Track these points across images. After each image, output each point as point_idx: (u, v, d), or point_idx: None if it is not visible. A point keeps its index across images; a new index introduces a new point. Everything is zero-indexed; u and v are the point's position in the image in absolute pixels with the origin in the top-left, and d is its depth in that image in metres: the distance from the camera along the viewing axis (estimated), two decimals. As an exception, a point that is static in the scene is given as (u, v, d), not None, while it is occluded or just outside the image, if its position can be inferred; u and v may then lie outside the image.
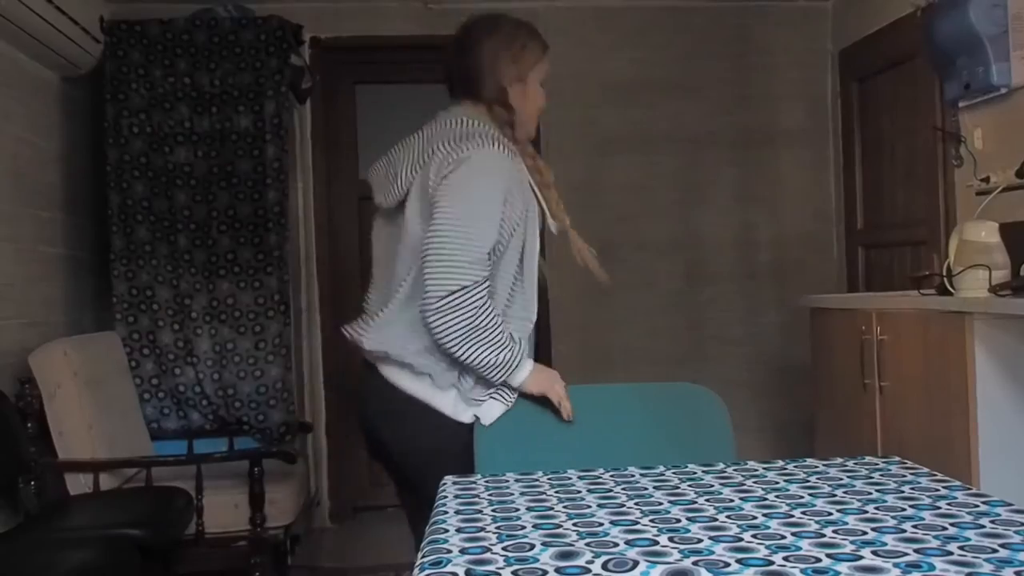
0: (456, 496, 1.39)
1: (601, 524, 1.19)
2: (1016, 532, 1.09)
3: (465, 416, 1.94)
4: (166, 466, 3.25)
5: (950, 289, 2.75)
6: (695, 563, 1.01)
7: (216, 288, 3.79)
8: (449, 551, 1.09)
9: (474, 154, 1.89)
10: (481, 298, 1.85)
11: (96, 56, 3.73)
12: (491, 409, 1.95)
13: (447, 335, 1.85)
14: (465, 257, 1.83)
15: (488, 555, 1.07)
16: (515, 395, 1.96)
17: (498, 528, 1.19)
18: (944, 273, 2.80)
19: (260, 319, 3.78)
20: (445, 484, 1.49)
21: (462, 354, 1.86)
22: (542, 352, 4.66)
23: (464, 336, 1.84)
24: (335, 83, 4.73)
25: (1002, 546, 1.04)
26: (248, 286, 3.79)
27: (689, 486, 1.40)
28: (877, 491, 1.32)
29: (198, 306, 3.77)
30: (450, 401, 1.95)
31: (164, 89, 3.79)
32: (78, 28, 3.50)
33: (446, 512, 1.29)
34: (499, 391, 1.95)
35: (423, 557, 1.09)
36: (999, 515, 1.17)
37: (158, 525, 2.82)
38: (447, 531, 1.18)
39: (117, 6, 3.93)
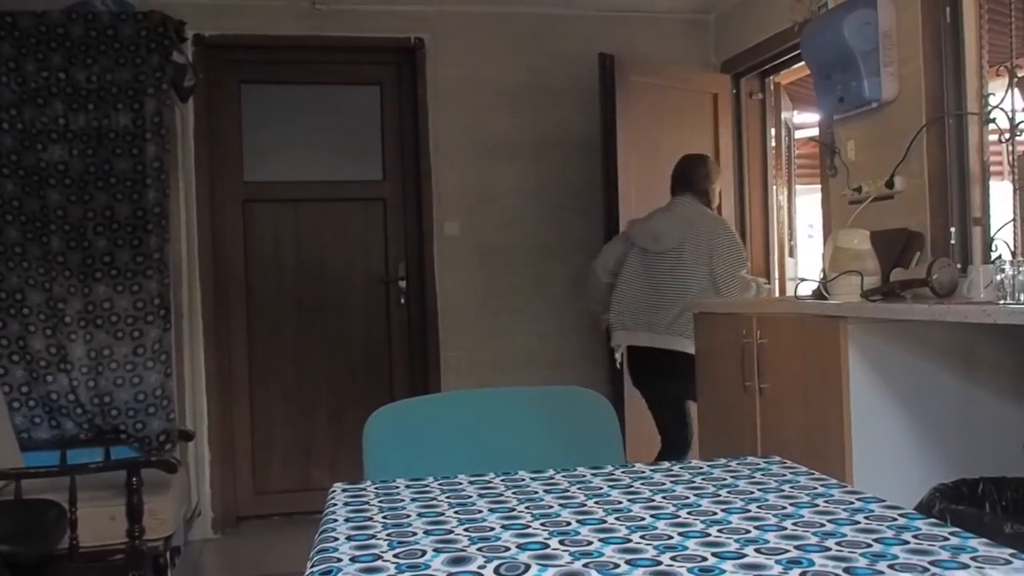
0: (346, 503, 1.37)
1: (492, 528, 1.19)
2: (888, 527, 1.14)
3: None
4: (37, 478, 3.09)
5: (825, 294, 2.86)
6: (585, 565, 1.02)
7: (92, 292, 3.63)
8: (339, 559, 1.07)
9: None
10: None
11: (-39, 47, 3.52)
12: None
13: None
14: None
15: (379, 563, 1.06)
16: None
17: (389, 535, 1.18)
18: (820, 279, 2.91)
19: (139, 324, 3.65)
20: (334, 492, 1.46)
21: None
22: (431, 358, 4.65)
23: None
24: (220, 82, 4.61)
25: (876, 541, 1.09)
26: (126, 289, 3.65)
27: (578, 489, 1.42)
28: (759, 490, 1.36)
29: (72, 310, 3.61)
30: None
31: (37, 84, 3.61)
32: (-59, 16, 3.31)
33: (335, 520, 1.26)
34: None
35: (312, 566, 1.07)
36: (872, 511, 1.23)
37: (28, 540, 2.68)
38: (337, 539, 1.16)
39: (-15, -5, 3.73)
